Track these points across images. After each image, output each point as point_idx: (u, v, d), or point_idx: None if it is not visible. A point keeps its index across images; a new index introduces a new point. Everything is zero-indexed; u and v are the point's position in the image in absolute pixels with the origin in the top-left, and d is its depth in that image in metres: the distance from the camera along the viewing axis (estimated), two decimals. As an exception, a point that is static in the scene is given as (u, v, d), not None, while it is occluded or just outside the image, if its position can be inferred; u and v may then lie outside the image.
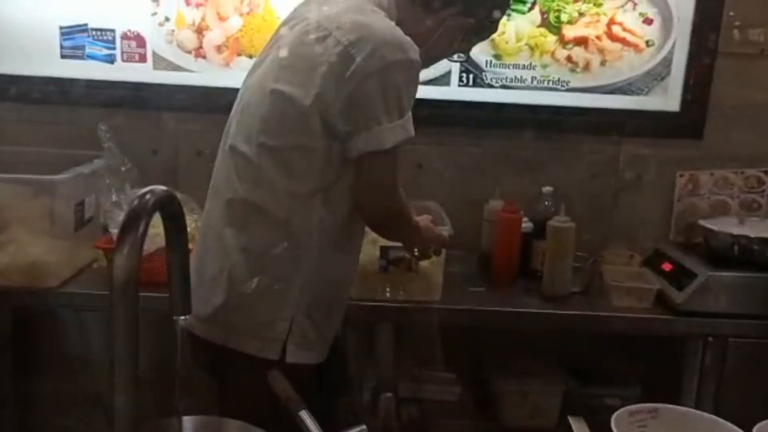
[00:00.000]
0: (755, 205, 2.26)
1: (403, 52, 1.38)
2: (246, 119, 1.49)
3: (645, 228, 2.28)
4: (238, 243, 1.47)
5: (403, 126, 1.42)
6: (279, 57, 1.47)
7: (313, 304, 1.49)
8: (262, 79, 1.48)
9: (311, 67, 1.39)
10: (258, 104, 1.46)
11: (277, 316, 1.46)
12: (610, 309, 1.97)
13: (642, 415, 1.23)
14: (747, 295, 1.94)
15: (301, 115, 1.40)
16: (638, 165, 2.27)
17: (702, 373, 1.95)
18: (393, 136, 1.40)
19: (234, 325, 1.46)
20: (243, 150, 1.47)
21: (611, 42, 2.17)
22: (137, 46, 2.19)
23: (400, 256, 1.89)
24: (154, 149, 2.25)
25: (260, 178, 1.45)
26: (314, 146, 1.42)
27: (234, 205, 1.48)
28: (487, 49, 2.17)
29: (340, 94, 1.38)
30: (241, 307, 1.46)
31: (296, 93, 1.40)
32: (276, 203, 1.45)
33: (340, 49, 1.37)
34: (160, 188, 0.68)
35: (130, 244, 0.61)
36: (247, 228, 1.47)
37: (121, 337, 0.61)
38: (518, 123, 2.21)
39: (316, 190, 1.45)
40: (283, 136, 1.43)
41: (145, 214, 0.63)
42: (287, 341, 1.46)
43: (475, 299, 2.00)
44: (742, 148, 2.25)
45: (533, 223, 2.12)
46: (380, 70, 1.36)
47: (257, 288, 1.46)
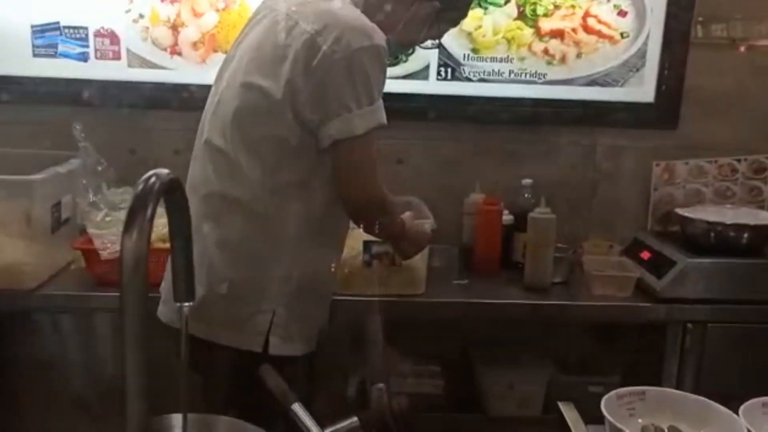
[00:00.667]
0: (729, 192, 2.30)
1: (368, 38, 1.40)
2: (220, 113, 1.49)
3: (623, 217, 2.32)
4: (216, 238, 1.47)
5: (374, 112, 1.43)
6: (249, 50, 1.47)
7: (295, 297, 1.49)
8: (234, 73, 1.49)
9: (280, 58, 1.40)
10: (231, 98, 1.47)
11: (258, 309, 1.46)
12: (591, 298, 1.99)
13: (630, 397, 1.25)
14: (724, 281, 1.97)
15: (273, 106, 1.41)
16: (615, 156, 2.30)
17: (682, 358, 1.99)
18: (364, 122, 1.42)
19: (216, 320, 1.46)
20: (218, 144, 1.48)
21: (587, 34, 2.19)
22: (111, 44, 2.15)
23: (383, 251, 1.89)
24: (131, 148, 2.22)
25: (236, 171, 1.45)
26: (287, 137, 1.43)
27: (211, 199, 1.48)
28: (464, 43, 2.18)
29: (308, 83, 1.39)
30: (221, 301, 1.46)
31: (267, 84, 1.41)
32: (252, 196, 1.45)
33: (306, 37, 1.38)
34: (164, 172, 0.67)
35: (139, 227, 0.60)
36: (225, 222, 1.47)
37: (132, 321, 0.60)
38: (497, 116, 2.23)
39: (293, 182, 1.46)
40: (256, 128, 1.44)
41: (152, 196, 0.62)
42: (270, 333, 1.46)
43: (459, 292, 2.01)
44: (715, 138, 2.29)
45: (514, 216, 2.14)
46: (346, 57, 1.37)
47: (237, 282, 1.46)
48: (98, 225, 1.96)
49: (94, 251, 1.88)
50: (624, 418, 1.22)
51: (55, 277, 1.93)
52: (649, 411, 1.24)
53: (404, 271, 1.91)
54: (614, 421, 1.15)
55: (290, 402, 1.14)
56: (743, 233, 2.03)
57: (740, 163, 2.30)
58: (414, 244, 1.75)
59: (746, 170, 2.30)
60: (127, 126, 2.20)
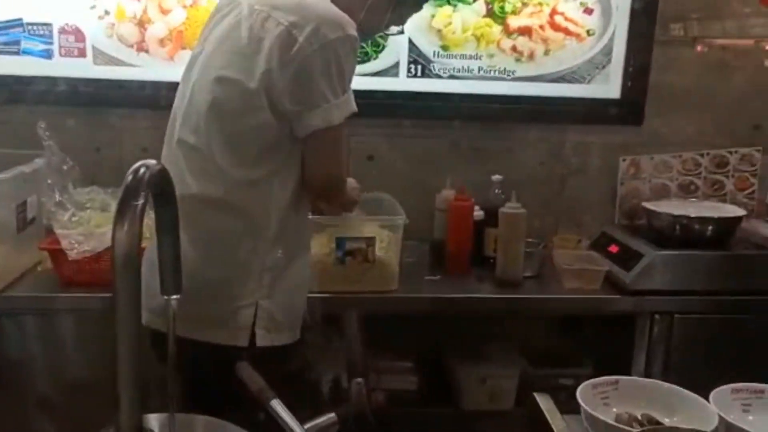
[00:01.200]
0: (693, 186, 2.35)
1: (342, 29, 1.40)
2: (192, 111, 1.48)
3: (591, 212, 2.35)
4: (190, 237, 1.44)
5: (348, 101, 1.46)
6: (218, 45, 1.46)
7: (276, 286, 1.49)
8: (204, 68, 1.47)
9: (254, 50, 1.39)
10: (204, 94, 1.45)
11: (240, 304, 1.45)
12: (561, 291, 2.02)
13: (604, 387, 1.27)
14: (690, 273, 2.01)
15: (248, 98, 1.40)
16: (583, 151, 2.33)
17: (650, 349, 2.02)
18: (340, 111, 1.44)
19: (198, 317, 1.44)
20: (192, 142, 1.47)
21: (554, 31, 2.22)
22: (76, 41, 2.12)
23: (356, 247, 1.89)
24: (97, 147, 2.19)
25: (213, 168, 1.44)
26: (264, 129, 1.42)
27: (186, 200, 1.45)
28: (434, 40, 2.19)
29: (285, 74, 1.39)
30: (201, 299, 1.44)
31: (241, 77, 1.40)
32: (229, 191, 1.44)
33: (281, 29, 1.38)
34: (152, 162, 0.67)
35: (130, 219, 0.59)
36: (199, 221, 1.45)
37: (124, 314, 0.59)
38: (467, 113, 2.24)
39: (269, 173, 1.46)
40: (232, 121, 1.43)
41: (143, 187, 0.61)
42: (255, 326, 1.45)
43: (431, 287, 2.02)
44: (679, 133, 2.33)
45: (485, 211, 2.15)
46: (322, 48, 1.38)
47: (215, 279, 1.45)
48: (65, 225, 1.93)
49: (61, 251, 1.85)
50: (598, 406, 1.23)
51: (21, 278, 1.89)
52: (622, 400, 1.26)
53: (377, 268, 1.91)
54: (590, 409, 1.17)
55: (268, 399, 1.13)
56: (707, 226, 2.08)
57: (703, 158, 2.35)
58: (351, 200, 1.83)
59: (709, 164, 2.35)
60: (93, 124, 2.17)
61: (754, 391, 1.27)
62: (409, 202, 2.06)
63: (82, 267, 1.88)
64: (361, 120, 2.14)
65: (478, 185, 2.19)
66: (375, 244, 1.90)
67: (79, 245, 1.88)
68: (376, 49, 2.18)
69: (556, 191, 2.33)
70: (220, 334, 1.44)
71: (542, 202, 2.29)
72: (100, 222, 1.97)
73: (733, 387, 1.26)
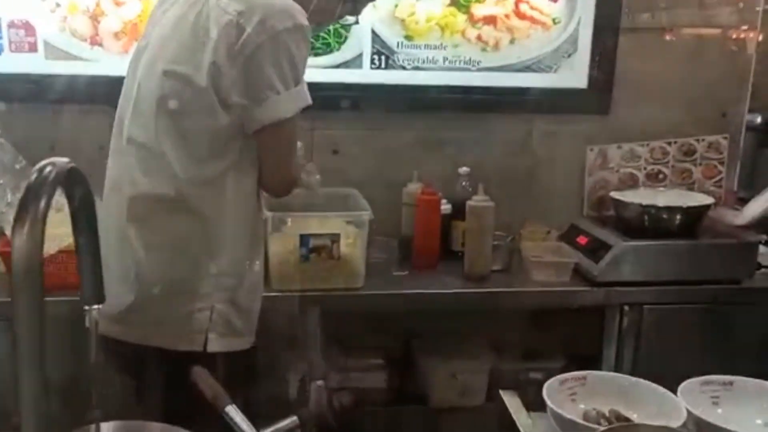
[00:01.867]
0: (661, 175, 2.34)
1: (291, 19, 1.36)
2: (141, 107, 1.42)
3: (560, 203, 2.33)
4: (143, 239, 1.41)
5: (300, 93, 1.41)
6: (165, 36, 1.40)
7: (235, 289, 1.45)
8: (151, 62, 1.42)
9: (200, 42, 1.34)
10: (152, 89, 1.40)
11: (193, 307, 1.41)
12: (530, 284, 2.02)
13: (572, 382, 1.25)
14: (659, 263, 2.01)
15: (198, 93, 1.35)
16: (550, 142, 2.30)
17: (620, 340, 2.02)
18: (291, 104, 1.39)
19: (151, 323, 1.40)
20: (142, 140, 1.41)
21: (519, 20, 2.19)
22: (26, 35, 2.04)
23: (320, 244, 1.85)
24: (51, 145, 2.10)
25: (163, 166, 1.39)
26: (214, 124, 1.37)
27: (138, 201, 1.41)
28: (398, 30, 2.15)
29: (233, 67, 1.34)
30: (154, 304, 1.40)
31: (189, 70, 1.35)
32: (181, 191, 1.40)
33: (227, 19, 1.33)
34: (62, 160, 0.61)
35: (31, 222, 0.54)
36: (154, 222, 1.41)
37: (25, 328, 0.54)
38: (432, 104, 2.20)
39: (222, 170, 1.41)
40: (182, 117, 1.38)
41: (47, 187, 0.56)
42: (209, 331, 1.41)
43: (399, 283, 2.00)
44: (646, 121, 2.31)
45: (452, 205, 2.13)
46: (271, 39, 1.33)
47: (169, 283, 1.40)
48: (18, 227, 1.86)
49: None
50: (566, 403, 1.22)
51: (-29, 283, 1.82)
52: (590, 395, 1.25)
53: (343, 265, 1.88)
54: (555, 407, 1.14)
55: (224, 405, 1.09)
56: (676, 215, 2.07)
57: (671, 146, 2.34)
58: None
59: (677, 153, 2.34)
60: (46, 122, 2.09)
61: (723, 383, 1.26)
62: (375, 196, 2.04)
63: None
64: (324, 113, 2.13)
65: (445, 178, 2.16)
66: (340, 240, 1.87)
67: (32, 247, 1.81)
68: (338, 40, 2.13)
69: (524, 183, 2.30)
70: (175, 340, 1.40)
71: (510, 195, 2.26)
72: (54, 223, 1.90)
73: (702, 380, 1.25)
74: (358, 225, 1.89)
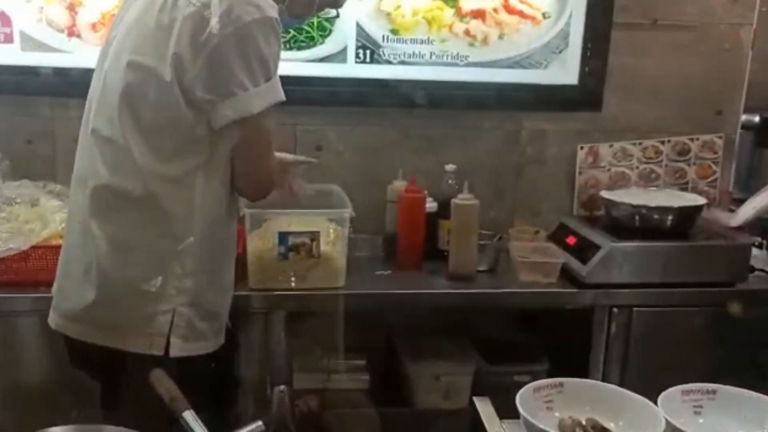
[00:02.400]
0: (653, 175, 2.29)
1: (259, 11, 1.30)
2: (106, 99, 1.38)
3: (549, 202, 2.28)
4: (106, 234, 1.36)
5: (271, 89, 1.35)
6: (130, 27, 1.36)
7: (200, 292, 1.41)
8: (117, 53, 1.38)
9: (164, 34, 1.30)
10: (116, 81, 1.36)
11: (156, 309, 1.37)
12: (516, 285, 1.96)
13: (548, 390, 1.21)
14: (649, 265, 1.96)
15: (161, 87, 1.31)
16: (540, 139, 2.26)
17: (608, 343, 1.97)
18: (261, 100, 1.34)
19: (110, 323, 1.36)
20: (106, 133, 1.37)
21: (508, 14, 2.14)
22: (2, 25, 2.00)
23: (300, 242, 1.80)
24: (28, 138, 2.08)
25: (127, 161, 1.35)
26: (179, 119, 1.33)
27: (99, 192, 1.37)
28: (383, 24, 2.10)
29: (197, 61, 1.29)
30: (115, 303, 1.36)
31: (152, 63, 1.31)
32: (146, 187, 1.35)
33: (192, 10, 1.28)
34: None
35: None
36: (116, 218, 1.37)
37: None
38: (418, 100, 2.15)
39: (189, 169, 1.37)
40: (145, 111, 1.34)
41: None
42: (170, 334, 1.36)
43: (381, 283, 1.96)
44: (639, 119, 2.27)
45: (437, 203, 2.09)
46: (237, 31, 1.28)
47: (130, 281, 1.36)
48: (-10, 221, 1.82)
49: (-16, 250, 1.74)
50: (541, 411, 1.17)
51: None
52: (567, 403, 1.20)
53: (323, 264, 1.83)
54: (528, 416, 1.10)
55: (180, 410, 1.05)
56: (667, 216, 2.02)
57: (664, 145, 2.29)
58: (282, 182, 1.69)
59: (670, 152, 2.29)
60: (22, 115, 2.06)
61: (706, 391, 1.21)
62: (359, 194, 2.00)
63: (9, 266, 1.78)
64: (307, 108, 2.09)
65: (430, 176, 2.12)
66: (320, 238, 1.82)
67: (4, 242, 1.77)
68: (322, 33, 2.07)
69: (512, 181, 2.25)
70: (133, 342, 1.35)
71: (498, 193, 2.22)
72: (28, 218, 1.87)
73: (684, 388, 1.20)
74: (339, 223, 1.85)
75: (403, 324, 2.12)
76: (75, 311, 1.38)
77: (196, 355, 1.39)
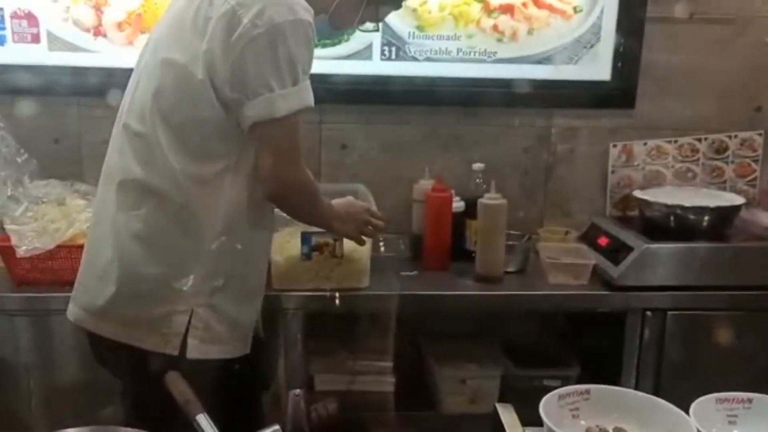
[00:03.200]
0: (690, 174, 2.22)
1: (292, 13, 1.29)
2: (139, 95, 1.39)
3: (580, 202, 2.23)
4: (131, 229, 1.36)
5: (298, 93, 1.33)
6: (168, 25, 1.37)
7: (221, 295, 1.39)
8: (154, 50, 1.39)
9: (199, 31, 1.30)
10: (150, 77, 1.36)
11: (173, 308, 1.35)
12: (546, 287, 1.92)
13: (573, 397, 1.16)
14: (684, 267, 1.90)
15: (194, 85, 1.30)
16: (570, 137, 2.21)
17: (641, 348, 1.91)
18: (286, 104, 1.31)
19: (127, 319, 1.36)
20: (138, 129, 1.37)
21: (538, 9, 2.09)
22: (29, 26, 2.01)
23: (323, 242, 1.78)
24: (55, 138, 2.09)
25: (157, 157, 1.34)
26: (210, 118, 1.32)
27: (127, 186, 1.37)
28: (409, 20, 2.07)
29: (227, 59, 1.28)
30: (133, 299, 1.35)
31: (186, 60, 1.30)
32: (174, 185, 1.35)
33: (226, 8, 1.28)
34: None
35: None
36: (142, 213, 1.37)
37: None
38: (445, 97, 2.12)
39: (219, 169, 1.35)
40: (178, 109, 1.33)
41: None
42: (187, 335, 1.35)
43: (407, 284, 1.92)
44: (674, 116, 2.20)
45: (465, 202, 2.05)
46: (268, 32, 1.27)
47: (150, 278, 1.35)
48: (17, 220, 1.84)
49: (11, 248, 1.76)
50: (566, 419, 1.13)
51: (-28, 277, 1.81)
52: (594, 411, 1.15)
53: (346, 264, 1.81)
54: (552, 424, 1.05)
55: (194, 413, 1.04)
56: (704, 216, 1.97)
57: (701, 143, 2.22)
58: (349, 221, 1.63)
59: (707, 150, 2.22)
60: (50, 114, 2.07)
61: (741, 400, 1.15)
62: (385, 193, 1.98)
63: (36, 265, 1.79)
64: (333, 106, 2.07)
65: (457, 175, 2.08)
66: (343, 238, 1.79)
67: (30, 242, 1.78)
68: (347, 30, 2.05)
69: (541, 180, 2.21)
70: (149, 340, 1.34)
71: (527, 192, 2.18)
72: (54, 217, 1.88)
73: (718, 396, 1.15)
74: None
75: (429, 326, 2.09)
76: (94, 305, 1.38)
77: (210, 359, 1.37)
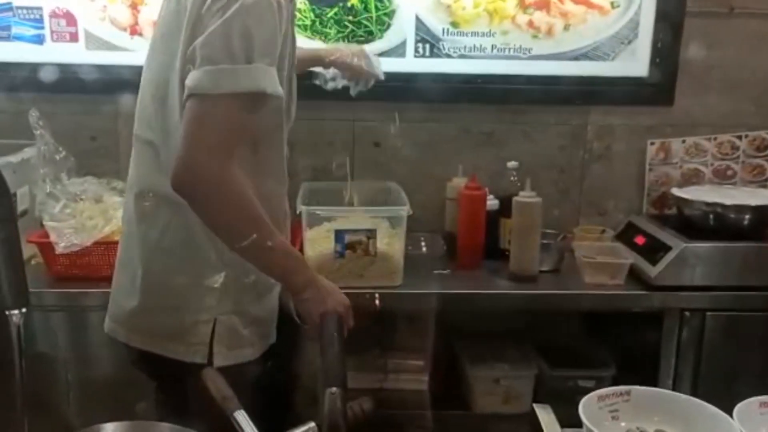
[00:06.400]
0: (729, 172, 2.18)
1: None
2: (143, 103, 1.38)
3: (616, 201, 2.21)
4: (151, 239, 1.36)
5: (249, 73, 1.18)
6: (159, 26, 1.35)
7: (241, 300, 1.38)
8: (150, 55, 1.37)
9: (177, 25, 1.25)
10: (149, 82, 1.36)
11: (197, 318, 1.35)
12: (581, 286, 1.89)
13: (613, 398, 1.14)
14: (723, 266, 1.86)
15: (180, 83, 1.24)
16: (607, 134, 2.18)
17: (679, 349, 1.88)
18: (230, 81, 1.17)
19: (154, 330, 1.36)
20: (147, 137, 1.36)
21: (574, 4, 2.07)
22: (68, 25, 2.04)
23: (356, 240, 1.78)
24: (92, 135, 2.12)
25: (163, 164, 1.31)
26: None
27: (143, 198, 1.37)
28: (443, 17, 2.06)
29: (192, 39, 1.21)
30: (157, 310, 1.36)
31: (169, 58, 1.27)
32: None
33: None
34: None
35: None
36: (159, 223, 1.35)
37: None
38: (479, 95, 2.11)
39: None
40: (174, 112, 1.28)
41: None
42: (213, 343, 1.35)
43: (440, 282, 1.90)
44: (713, 113, 2.17)
45: (499, 200, 2.03)
46: (226, 5, 1.17)
47: (171, 290, 1.35)
48: (56, 217, 1.87)
49: (49, 245, 1.79)
50: (606, 420, 1.11)
51: (11, 273, 1.83)
52: (634, 413, 1.13)
53: (380, 262, 1.80)
54: (592, 425, 1.03)
55: (233, 409, 1.04)
56: (744, 215, 1.92)
57: (741, 140, 2.18)
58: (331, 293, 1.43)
59: (747, 147, 2.19)
60: (87, 112, 2.11)
61: (787, 403, 1.12)
62: (418, 191, 1.98)
63: (73, 261, 1.82)
64: (365, 104, 2.06)
65: (491, 173, 2.07)
66: (376, 236, 1.79)
67: (68, 238, 1.81)
68: (381, 27, 2.05)
69: (577, 178, 2.18)
70: (176, 349, 1.34)
71: (562, 190, 2.16)
72: (92, 214, 1.90)
73: (762, 400, 1.11)
74: (396, 221, 1.81)
75: (463, 324, 2.07)
76: (123, 316, 1.39)
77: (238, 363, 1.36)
